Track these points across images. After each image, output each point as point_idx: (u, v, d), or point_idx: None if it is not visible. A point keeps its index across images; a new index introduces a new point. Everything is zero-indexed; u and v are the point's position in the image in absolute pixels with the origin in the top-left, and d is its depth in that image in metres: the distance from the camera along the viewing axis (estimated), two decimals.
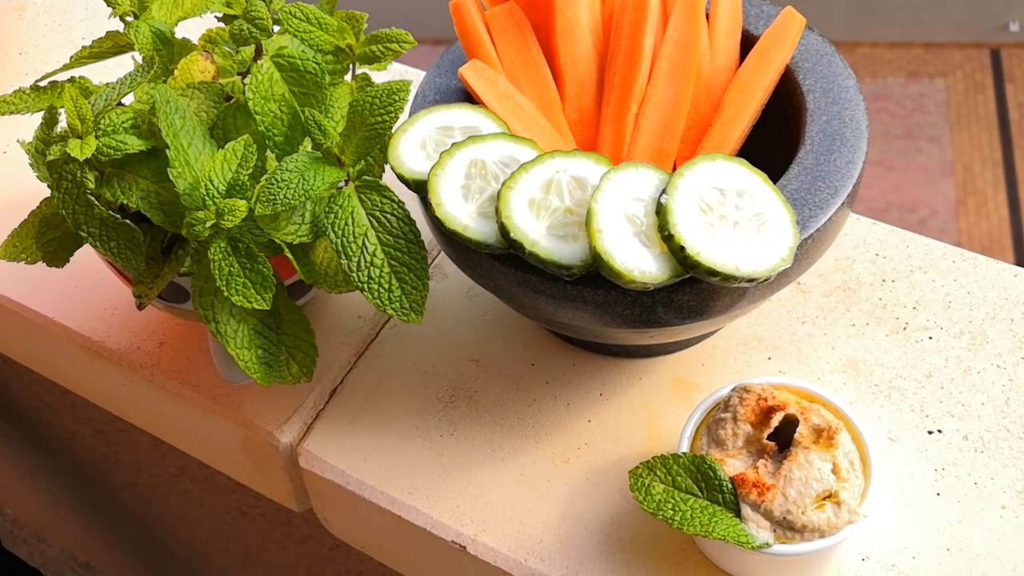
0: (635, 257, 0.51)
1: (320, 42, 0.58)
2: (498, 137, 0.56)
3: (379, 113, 0.54)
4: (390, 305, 0.55)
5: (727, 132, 0.60)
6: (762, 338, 0.65)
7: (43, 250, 0.60)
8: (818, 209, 0.55)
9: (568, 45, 0.62)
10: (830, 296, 0.67)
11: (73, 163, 0.54)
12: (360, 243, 0.55)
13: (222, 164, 0.53)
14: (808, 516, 0.52)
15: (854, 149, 0.57)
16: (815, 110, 0.59)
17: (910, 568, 0.56)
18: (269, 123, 0.57)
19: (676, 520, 0.53)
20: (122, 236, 0.55)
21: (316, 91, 0.57)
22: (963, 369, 0.63)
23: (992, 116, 3.28)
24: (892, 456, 0.60)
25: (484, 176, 0.55)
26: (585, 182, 0.54)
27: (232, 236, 0.54)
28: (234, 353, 0.57)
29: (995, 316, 0.65)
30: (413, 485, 0.62)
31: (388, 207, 0.56)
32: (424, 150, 0.57)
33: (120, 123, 0.55)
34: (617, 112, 0.61)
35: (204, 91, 0.59)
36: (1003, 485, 0.58)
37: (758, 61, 0.60)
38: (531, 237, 0.52)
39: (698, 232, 0.51)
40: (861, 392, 0.63)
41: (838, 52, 0.62)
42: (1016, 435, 0.60)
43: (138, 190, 0.56)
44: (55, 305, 0.72)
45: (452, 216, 0.54)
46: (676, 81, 0.60)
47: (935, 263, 0.68)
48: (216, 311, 0.57)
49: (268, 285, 0.55)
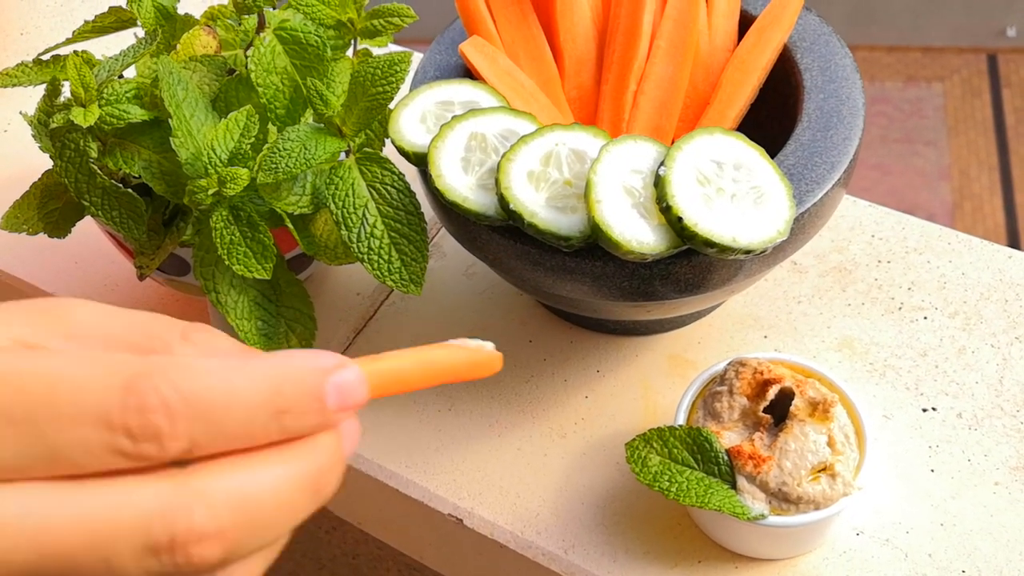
0: (633, 228, 0.52)
1: (322, 16, 0.59)
2: (498, 111, 0.56)
3: (380, 84, 0.54)
4: (390, 276, 0.56)
5: (725, 110, 0.60)
6: (758, 317, 0.66)
7: (45, 220, 0.60)
8: (815, 184, 0.55)
9: (568, 23, 0.62)
10: (826, 276, 0.67)
11: (76, 132, 0.55)
12: (360, 214, 0.56)
13: (224, 133, 0.54)
14: (803, 488, 0.53)
15: (851, 126, 0.57)
16: (812, 88, 0.59)
17: (904, 543, 0.56)
18: (271, 96, 0.57)
19: (672, 492, 0.53)
20: (124, 205, 0.56)
21: (318, 64, 0.57)
22: (957, 348, 0.63)
23: (989, 120, 3.29)
24: (887, 433, 0.60)
25: (484, 149, 0.55)
26: (584, 155, 0.54)
27: (234, 205, 0.54)
28: (234, 324, 0.57)
29: (989, 296, 0.65)
30: (411, 459, 0.62)
31: (388, 179, 0.56)
32: (424, 124, 0.58)
33: (123, 93, 0.56)
34: (616, 89, 0.61)
35: (207, 64, 0.59)
36: (996, 462, 0.59)
37: (756, 40, 0.61)
38: (530, 208, 0.53)
39: (696, 204, 0.51)
40: (856, 370, 0.63)
41: (835, 32, 0.62)
42: (1009, 413, 0.61)
43: (140, 160, 0.56)
44: (55, 280, 0.72)
45: (452, 188, 0.55)
46: (675, 59, 0.61)
47: (930, 244, 0.68)
48: (217, 281, 0.57)
49: (269, 255, 0.55)
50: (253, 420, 0.28)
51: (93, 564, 0.26)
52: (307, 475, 0.29)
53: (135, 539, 0.26)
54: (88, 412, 0.26)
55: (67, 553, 0.26)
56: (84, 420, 0.26)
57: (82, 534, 0.26)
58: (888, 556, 0.56)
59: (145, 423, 0.27)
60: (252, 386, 0.28)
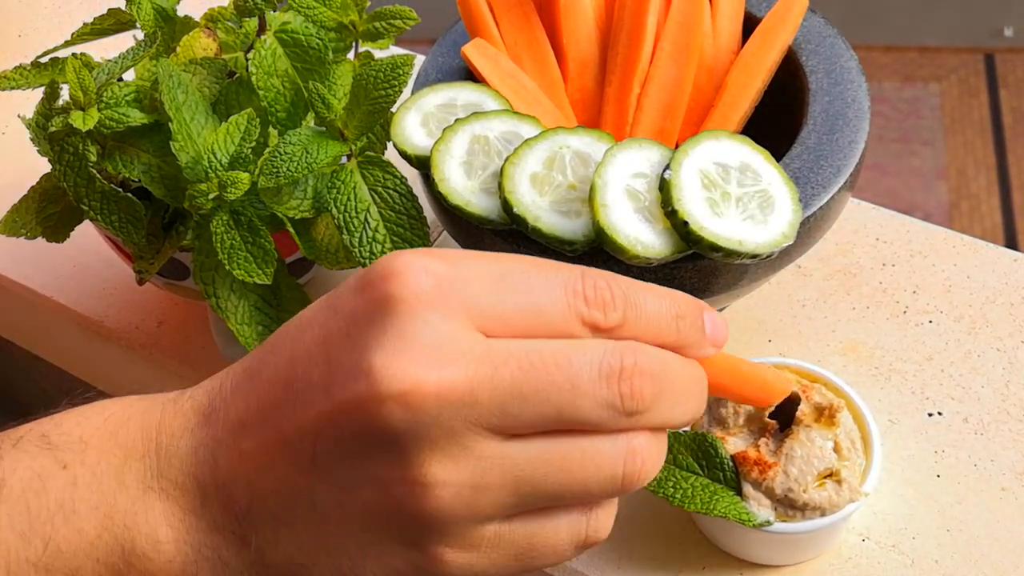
0: (638, 232, 0.51)
1: (323, 18, 0.58)
2: (501, 114, 0.56)
3: (382, 87, 0.54)
4: None
5: (729, 113, 0.60)
6: (762, 321, 0.65)
7: (43, 225, 0.60)
8: (820, 188, 0.55)
9: (571, 24, 0.62)
10: (830, 280, 0.67)
11: (75, 135, 0.54)
12: (362, 219, 0.55)
13: (225, 137, 0.53)
14: (809, 494, 0.52)
15: (856, 129, 0.57)
16: (817, 91, 0.59)
17: (910, 548, 0.56)
18: (272, 99, 0.56)
19: (677, 498, 0.53)
20: (123, 210, 0.55)
21: (319, 67, 0.57)
22: (963, 352, 0.63)
23: (986, 120, 3.28)
24: (892, 438, 0.60)
25: (487, 152, 0.55)
26: (588, 158, 0.54)
27: (234, 209, 0.54)
28: (234, 328, 0.57)
29: (995, 300, 0.65)
30: None
31: (391, 183, 0.56)
32: (426, 127, 0.57)
33: (122, 96, 0.55)
34: (619, 92, 0.61)
35: (207, 67, 0.58)
36: (1003, 467, 0.58)
37: (761, 42, 0.60)
38: (534, 212, 0.52)
39: (701, 208, 0.51)
40: (861, 375, 0.63)
41: (840, 34, 0.62)
42: (1016, 418, 0.60)
43: (140, 164, 0.55)
44: (53, 284, 0.72)
45: (455, 191, 0.54)
46: (679, 62, 0.60)
47: (935, 247, 0.68)
48: (217, 286, 0.57)
49: (270, 259, 0.54)
50: (661, 314, 0.38)
51: (559, 381, 0.35)
52: (697, 378, 0.40)
53: (594, 366, 0.36)
54: (560, 282, 0.37)
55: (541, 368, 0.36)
56: (557, 287, 0.37)
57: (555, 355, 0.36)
58: (894, 562, 0.55)
59: (599, 296, 0.37)
60: (659, 292, 0.39)
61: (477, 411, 0.35)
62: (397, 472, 0.36)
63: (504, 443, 0.36)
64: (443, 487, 0.35)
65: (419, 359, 0.35)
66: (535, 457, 0.36)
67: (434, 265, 0.36)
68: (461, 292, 0.36)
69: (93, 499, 0.38)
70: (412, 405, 0.35)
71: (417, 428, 0.35)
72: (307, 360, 0.37)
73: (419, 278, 0.36)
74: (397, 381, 0.35)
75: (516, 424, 0.36)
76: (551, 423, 0.36)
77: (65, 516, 0.38)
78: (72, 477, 0.38)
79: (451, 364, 0.35)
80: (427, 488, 0.35)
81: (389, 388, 0.35)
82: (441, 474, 0.35)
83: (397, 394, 0.34)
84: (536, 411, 0.36)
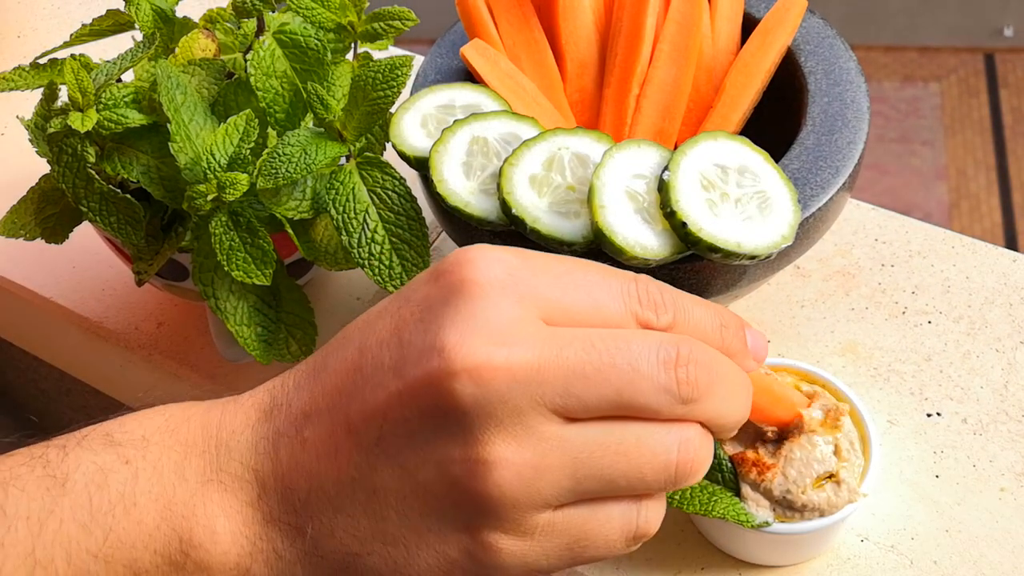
0: (637, 233, 0.51)
1: (322, 19, 0.58)
2: (500, 114, 0.56)
3: (381, 88, 0.54)
4: (391, 282, 0.55)
5: (728, 114, 0.60)
6: (761, 321, 0.65)
7: (42, 226, 0.60)
8: (819, 189, 0.55)
9: (570, 25, 0.62)
10: (829, 280, 0.67)
11: (73, 136, 0.54)
12: (361, 219, 0.55)
13: (224, 138, 0.53)
14: (808, 495, 0.52)
15: (855, 130, 0.57)
16: (816, 92, 0.59)
17: (908, 549, 0.56)
18: (271, 100, 0.56)
19: (676, 499, 0.52)
20: (122, 211, 0.55)
21: (318, 68, 0.57)
22: (962, 353, 0.63)
23: (986, 120, 3.28)
24: (891, 438, 0.60)
25: (486, 153, 0.55)
26: (587, 159, 0.54)
27: (233, 210, 0.54)
28: (233, 330, 0.57)
29: (994, 300, 0.65)
30: None
31: (389, 184, 0.56)
32: (425, 128, 0.57)
33: (121, 97, 0.55)
34: (618, 93, 0.61)
35: (205, 68, 0.58)
36: (1002, 468, 0.58)
37: (760, 43, 0.60)
38: (532, 213, 0.52)
39: (700, 209, 0.51)
40: (860, 375, 0.63)
41: (839, 35, 0.62)
42: (1015, 418, 0.60)
43: (139, 165, 0.55)
44: (53, 285, 0.72)
45: (453, 192, 0.54)
46: (678, 63, 0.60)
47: (934, 248, 0.68)
48: (216, 287, 0.57)
49: (268, 260, 0.54)
50: (706, 322, 0.41)
51: (620, 364, 0.38)
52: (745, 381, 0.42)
53: (653, 352, 0.38)
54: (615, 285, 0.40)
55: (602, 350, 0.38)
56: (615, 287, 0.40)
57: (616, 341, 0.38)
58: (893, 563, 0.55)
59: (648, 298, 0.40)
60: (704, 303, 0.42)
61: (542, 390, 0.37)
62: (461, 451, 0.37)
63: (565, 426, 0.38)
64: (505, 466, 0.37)
65: (490, 337, 0.37)
66: (593, 440, 0.38)
67: (506, 256, 0.39)
68: (529, 282, 0.39)
69: (154, 491, 0.39)
70: (483, 380, 0.36)
71: (485, 404, 0.36)
72: (378, 347, 0.39)
73: (492, 266, 0.38)
74: (470, 356, 0.36)
75: (578, 406, 0.37)
76: (610, 406, 0.38)
77: (126, 508, 0.39)
78: (134, 471, 0.40)
79: (520, 343, 0.37)
80: (489, 466, 0.37)
81: (463, 363, 0.36)
82: (504, 452, 0.37)
83: (470, 368, 0.36)
84: (597, 392, 0.37)
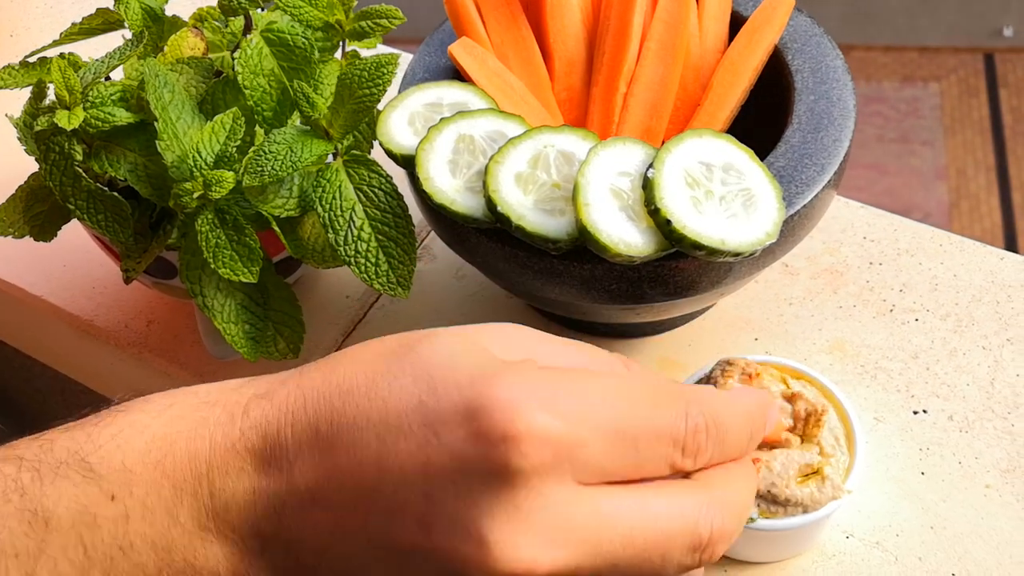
0: (621, 231, 0.51)
1: (310, 18, 0.58)
2: (487, 112, 0.56)
3: (368, 86, 0.54)
4: (377, 280, 0.56)
5: (715, 112, 0.60)
6: (749, 319, 0.66)
7: (30, 224, 0.60)
8: (804, 186, 0.55)
9: (558, 24, 0.62)
10: (817, 278, 0.67)
11: (61, 135, 0.54)
12: (348, 217, 0.55)
13: (210, 136, 0.53)
14: (792, 490, 0.52)
15: (841, 128, 0.57)
16: (803, 89, 0.59)
17: (894, 546, 0.56)
18: (258, 98, 0.57)
19: None
20: (110, 208, 0.56)
21: (305, 66, 0.57)
22: (949, 351, 0.63)
23: (986, 120, 3.28)
24: (877, 436, 0.60)
25: (472, 151, 0.55)
26: (572, 157, 0.54)
27: (220, 208, 0.54)
28: (221, 327, 0.57)
29: (981, 298, 0.65)
30: None
31: (376, 181, 0.56)
32: (412, 126, 0.57)
33: (108, 95, 0.55)
34: (605, 91, 0.61)
35: (193, 66, 0.59)
36: (987, 465, 0.59)
37: (747, 41, 0.61)
38: (518, 211, 0.53)
39: (684, 206, 0.51)
40: (847, 373, 0.63)
41: (827, 33, 0.62)
42: (1000, 415, 0.60)
43: (126, 163, 0.56)
44: (43, 284, 0.72)
45: (440, 190, 0.54)
46: (665, 61, 0.60)
47: (922, 246, 0.68)
48: (203, 285, 0.57)
49: (255, 258, 0.55)
50: (741, 443, 0.39)
51: (652, 556, 0.36)
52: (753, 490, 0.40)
53: (686, 539, 0.36)
54: (666, 433, 0.37)
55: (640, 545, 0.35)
56: (664, 439, 0.37)
57: (652, 531, 0.36)
58: (878, 559, 0.56)
59: (696, 444, 0.37)
60: (742, 417, 0.39)
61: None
62: None
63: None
64: None
65: (536, 538, 0.35)
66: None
67: (553, 429, 0.35)
68: (575, 459, 0.36)
69: (149, 534, 0.38)
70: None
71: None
72: (400, 479, 0.36)
73: (539, 451, 0.35)
74: (514, 561, 0.35)
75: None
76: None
77: (123, 550, 0.38)
78: (123, 510, 0.38)
79: (564, 546, 0.35)
80: None
81: (505, 566, 0.35)
82: None
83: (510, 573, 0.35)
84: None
